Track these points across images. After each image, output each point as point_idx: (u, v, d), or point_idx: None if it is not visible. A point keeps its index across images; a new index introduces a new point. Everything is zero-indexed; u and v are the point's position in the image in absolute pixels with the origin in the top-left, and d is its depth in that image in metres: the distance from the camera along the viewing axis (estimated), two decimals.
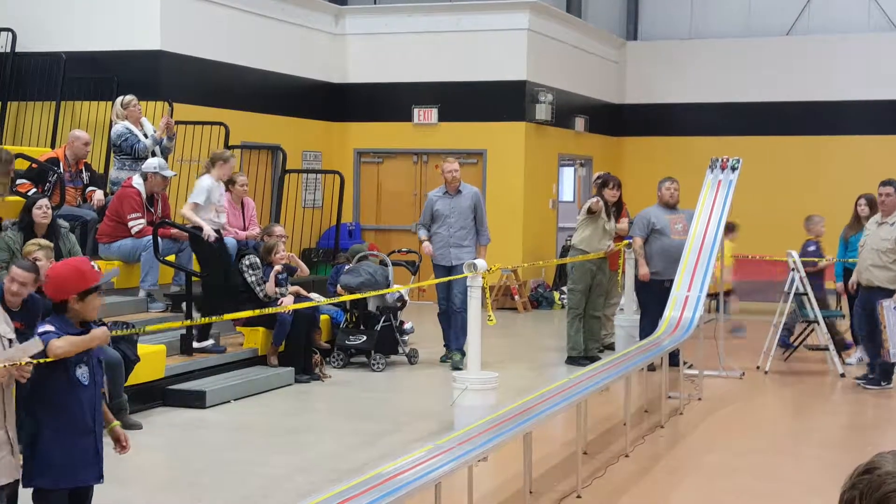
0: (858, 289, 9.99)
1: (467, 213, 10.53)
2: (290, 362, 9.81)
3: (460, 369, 9.44)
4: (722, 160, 10.57)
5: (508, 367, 10.23)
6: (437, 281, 10.21)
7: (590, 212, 10.57)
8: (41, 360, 4.34)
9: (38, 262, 6.44)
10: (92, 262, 4.70)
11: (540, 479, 6.57)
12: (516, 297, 15.41)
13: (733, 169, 10.51)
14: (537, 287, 16.07)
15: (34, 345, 4.29)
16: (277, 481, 6.68)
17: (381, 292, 10.12)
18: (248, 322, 9.66)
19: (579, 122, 17.45)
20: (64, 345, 4.42)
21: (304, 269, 10.57)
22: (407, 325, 10.88)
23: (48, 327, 4.48)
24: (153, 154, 10.37)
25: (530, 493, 6.15)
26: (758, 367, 10.68)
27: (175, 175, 10.61)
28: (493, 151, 15.79)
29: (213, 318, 7.41)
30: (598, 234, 10.61)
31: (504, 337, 12.28)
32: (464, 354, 9.98)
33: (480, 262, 7.73)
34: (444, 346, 10.62)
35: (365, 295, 9.99)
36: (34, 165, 10.13)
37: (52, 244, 7.28)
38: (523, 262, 14.60)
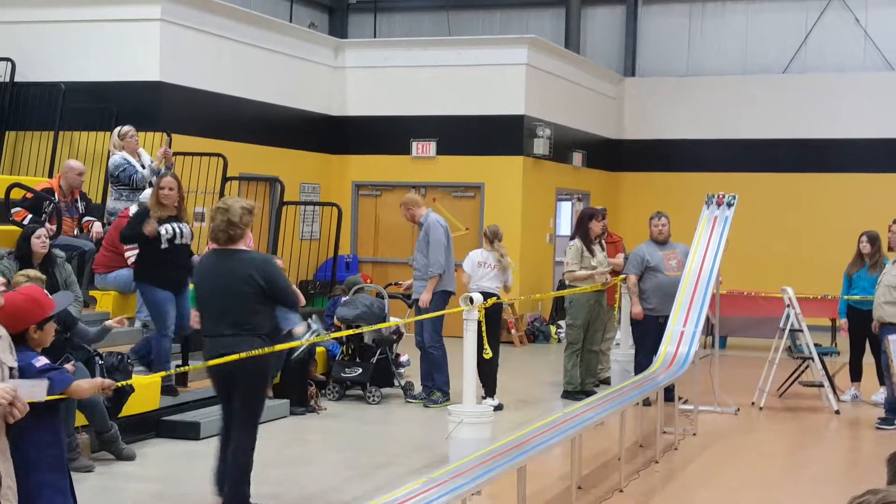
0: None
1: (422, 244, 10.31)
2: (285, 394, 9.78)
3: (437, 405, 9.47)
4: (718, 196, 10.62)
5: (504, 401, 10.21)
6: (422, 317, 10.04)
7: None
8: (49, 398, 4.35)
9: None
10: (44, 290, 4.67)
11: None
12: (513, 330, 15.40)
13: (729, 205, 10.55)
14: (534, 321, 16.06)
15: (41, 386, 4.27)
16: None
17: (377, 326, 10.11)
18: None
19: (577, 157, 17.52)
20: (88, 387, 4.54)
21: (301, 300, 10.52)
22: (403, 358, 10.86)
23: (44, 360, 4.47)
24: (150, 185, 10.38)
25: None
26: (752, 403, 10.67)
27: None
28: (490, 185, 15.84)
29: (196, 365, 7.27)
30: (588, 265, 10.65)
31: (500, 370, 12.25)
32: (440, 392, 9.97)
33: (477, 296, 7.73)
34: (423, 385, 10.48)
35: (362, 329, 9.98)
36: (29, 195, 10.14)
37: (43, 275, 7.27)
38: (520, 296, 14.60)
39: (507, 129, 15.72)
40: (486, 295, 9.20)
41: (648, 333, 10.25)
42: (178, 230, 8.65)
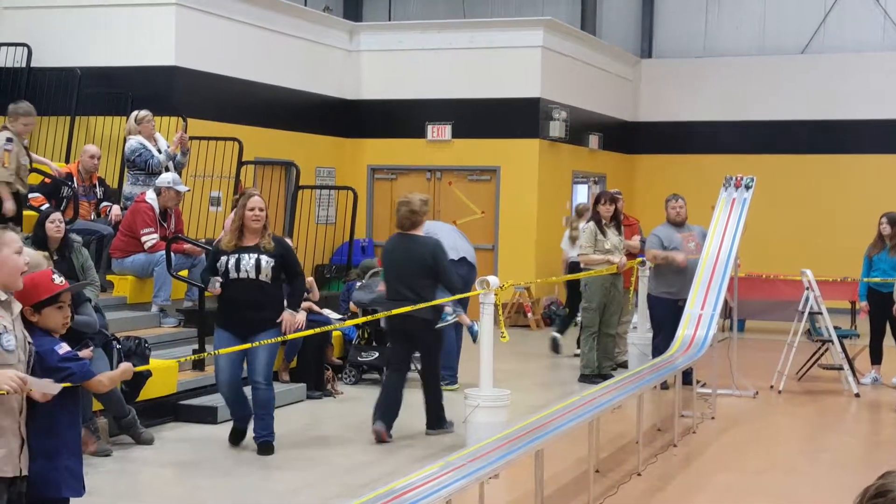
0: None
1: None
2: (302, 378, 9.80)
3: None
4: (736, 178, 10.54)
5: (521, 385, 10.19)
6: (447, 300, 10.08)
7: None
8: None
9: None
10: (54, 275, 4.62)
11: (551, 496, 6.52)
12: (529, 314, 15.36)
13: (747, 187, 10.47)
14: (550, 304, 16.02)
15: (55, 387, 4.27)
16: (288, 497, 6.66)
17: (393, 312, 10.07)
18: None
19: (593, 140, 17.44)
20: (108, 382, 4.63)
21: (315, 294, 10.45)
22: None
23: (66, 347, 4.46)
24: (167, 169, 10.39)
25: None
26: (771, 387, 10.62)
27: (188, 190, 10.63)
28: (506, 168, 15.79)
29: (221, 350, 7.28)
30: (603, 248, 10.61)
31: (517, 354, 12.24)
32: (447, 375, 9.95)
33: (493, 279, 7.71)
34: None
35: (378, 316, 9.94)
36: (47, 180, 10.17)
37: (51, 257, 7.27)
38: (536, 279, 14.57)
39: (523, 111, 15.64)
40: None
41: (666, 317, 10.19)
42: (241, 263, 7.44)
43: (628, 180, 18.21)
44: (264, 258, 7.41)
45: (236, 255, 7.41)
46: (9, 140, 8.93)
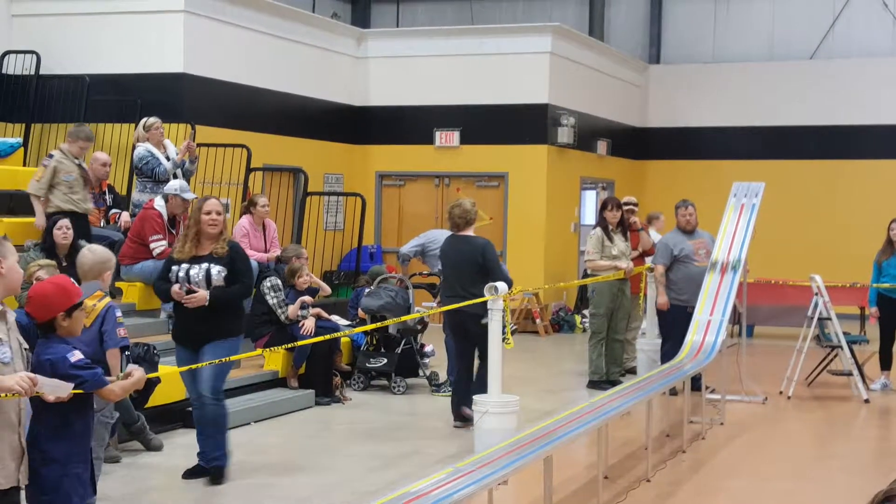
0: None
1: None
2: (310, 385, 9.80)
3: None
4: (743, 186, 10.53)
5: (529, 391, 10.17)
6: (452, 307, 10.06)
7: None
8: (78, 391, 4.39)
9: None
10: (70, 279, 4.69)
11: (560, 503, 6.51)
12: (538, 320, 15.35)
13: (756, 194, 10.45)
14: (559, 310, 16.01)
15: (65, 388, 4.28)
16: (293, 503, 6.65)
17: (402, 319, 10.08)
18: (269, 344, 9.65)
19: (602, 146, 17.43)
20: (120, 392, 4.64)
21: (325, 289, 10.58)
22: (428, 348, 10.85)
23: (79, 355, 4.47)
24: (175, 176, 10.41)
25: None
26: (780, 392, 10.58)
27: (195, 198, 10.63)
28: (514, 174, 15.79)
29: (233, 356, 7.16)
30: (611, 254, 10.61)
31: (525, 360, 12.22)
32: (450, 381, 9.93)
33: (501, 285, 7.71)
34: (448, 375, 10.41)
35: (387, 323, 9.96)
36: None
37: (55, 263, 7.28)
38: (544, 285, 14.55)
39: (531, 117, 15.65)
40: None
41: (676, 323, 10.16)
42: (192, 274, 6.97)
43: (637, 186, 18.18)
44: (215, 268, 6.88)
45: (187, 266, 6.93)
46: (49, 156, 9.48)
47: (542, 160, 15.73)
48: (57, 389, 4.21)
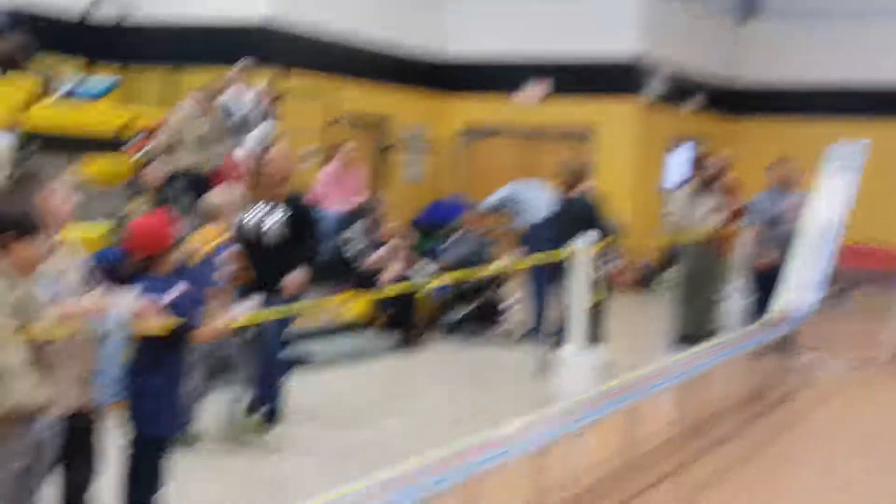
0: None
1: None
2: (393, 331, 9.82)
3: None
4: (846, 144, 10.18)
5: (614, 346, 10.02)
6: (535, 258, 9.99)
7: None
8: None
9: None
10: (168, 217, 4.72)
11: (642, 456, 6.40)
12: (623, 276, 15.12)
13: (856, 154, 10.10)
14: (644, 268, 15.77)
15: (139, 300, 4.32)
16: (379, 445, 6.64)
17: (482, 271, 10.01)
18: (351, 290, 9.68)
19: (694, 101, 17.01)
20: (211, 334, 4.76)
21: (406, 239, 10.53)
22: (510, 299, 10.79)
23: (176, 291, 4.49)
24: (256, 125, 10.40)
25: (632, 469, 5.99)
26: (874, 357, 10.27)
27: (269, 146, 10.60)
28: (602, 129, 15.51)
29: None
30: (700, 213, 10.37)
31: (610, 316, 12.06)
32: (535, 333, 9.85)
33: (587, 240, 7.62)
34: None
35: (466, 273, 9.91)
36: (148, 129, 10.25)
37: (148, 204, 7.36)
38: (631, 243, 14.31)
39: (621, 70, 15.32)
40: None
41: (767, 283, 9.90)
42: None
43: (731, 144, 17.65)
44: (278, 214, 6.75)
45: (255, 211, 6.82)
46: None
47: (631, 115, 15.42)
48: (131, 306, 4.25)
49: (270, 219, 6.75)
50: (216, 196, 6.35)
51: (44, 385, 3.88)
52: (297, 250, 6.77)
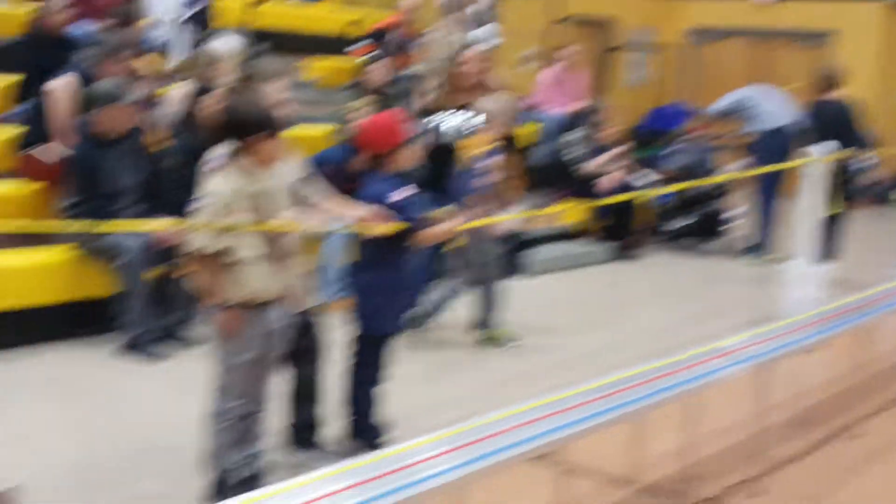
0: None
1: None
2: (611, 239, 9.72)
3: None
4: None
5: (845, 262, 9.56)
6: (768, 169, 9.60)
7: None
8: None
9: None
10: (398, 116, 4.74)
11: (871, 378, 6.10)
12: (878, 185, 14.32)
13: None
14: (880, 183, 14.85)
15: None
16: (588, 356, 6.63)
17: (705, 181, 9.70)
18: (570, 197, 9.61)
19: None
20: (437, 234, 4.73)
21: (627, 146, 10.32)
22: (734, 211, 10.44)
23: (402, 193, 4.55)
24: (479, 25, 10.28)
25: (859, 392, 5.73)
26: None
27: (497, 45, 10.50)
28: (842, 33, 14.57)
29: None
30: None
31: (846, 231, 11.48)
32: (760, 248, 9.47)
33: (820, 149, 7.22)
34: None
35: (689, 184, 9.62)
36: (372, 31, 10.36)
37: (378, 100, 7.45)
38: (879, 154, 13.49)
39: None
40: None
41: None
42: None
43: None
44: (465, 117, 6.59)
45: (442, 117, 6.78)
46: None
47: (875, 17, 14.39)
48: (322, 224, 4.35)
49: (467, 124, 6.64)
50: (488, 103, 6.23)
51: (277, 277, 4.05)
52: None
